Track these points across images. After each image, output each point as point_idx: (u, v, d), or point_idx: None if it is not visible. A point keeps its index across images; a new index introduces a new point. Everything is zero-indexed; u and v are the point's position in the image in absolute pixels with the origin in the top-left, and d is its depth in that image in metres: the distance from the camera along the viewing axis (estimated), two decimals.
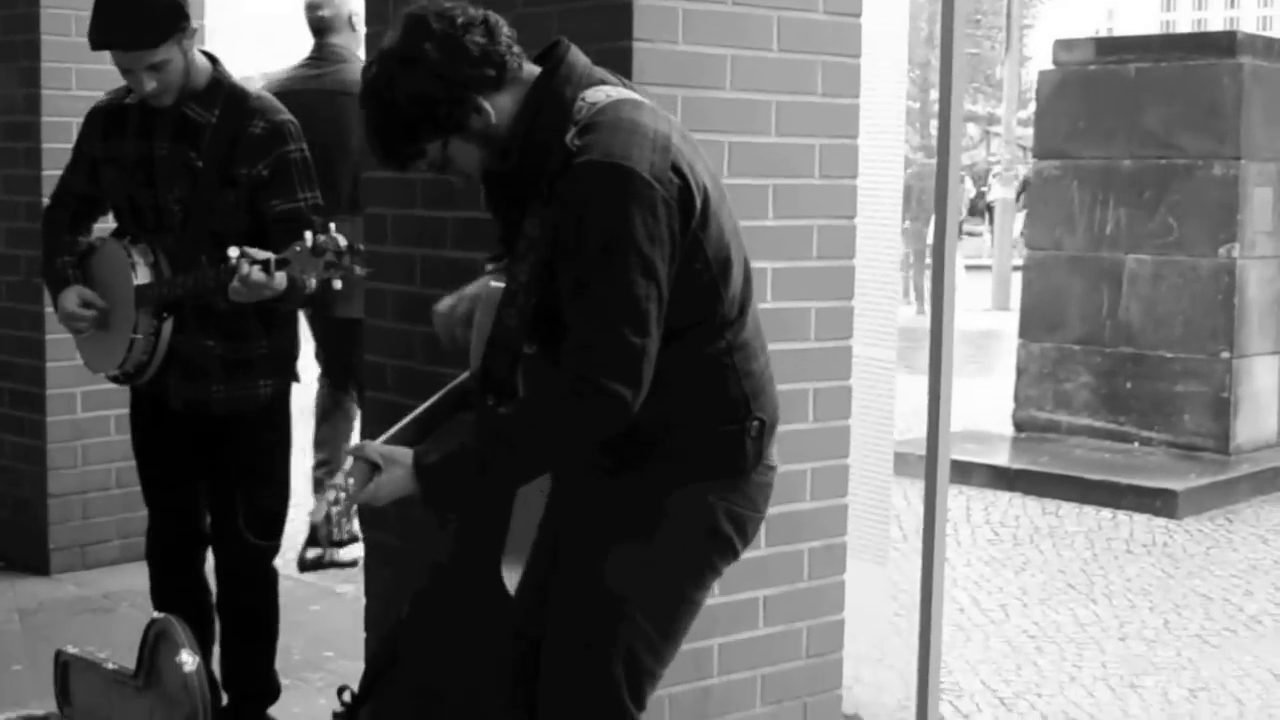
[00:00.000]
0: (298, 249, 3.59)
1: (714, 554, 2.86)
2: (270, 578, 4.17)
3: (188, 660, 3.29)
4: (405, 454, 2.73)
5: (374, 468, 2.75)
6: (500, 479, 2.73)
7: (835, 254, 4.07)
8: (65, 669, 3.73)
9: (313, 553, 6.11)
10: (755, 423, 2.80)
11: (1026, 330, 10.09)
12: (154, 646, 3.42)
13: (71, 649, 3.79)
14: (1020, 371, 10.08)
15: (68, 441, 6.19)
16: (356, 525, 2.83)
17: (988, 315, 19.46)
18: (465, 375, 3.01)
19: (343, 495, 2.75)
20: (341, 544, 5.71)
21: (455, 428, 2.80)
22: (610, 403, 2.59)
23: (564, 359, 2.63)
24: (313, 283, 3.70)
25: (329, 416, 6.44)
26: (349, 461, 2.78)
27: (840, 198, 4.05)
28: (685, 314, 2.70)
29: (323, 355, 6.50)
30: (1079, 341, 9.79)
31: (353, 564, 5.94)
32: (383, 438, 2.86)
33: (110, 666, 3.61)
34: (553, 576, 2.92)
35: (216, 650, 4.26)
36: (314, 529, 2.84)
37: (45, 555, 6.17)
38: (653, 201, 2.59)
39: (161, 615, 3.48)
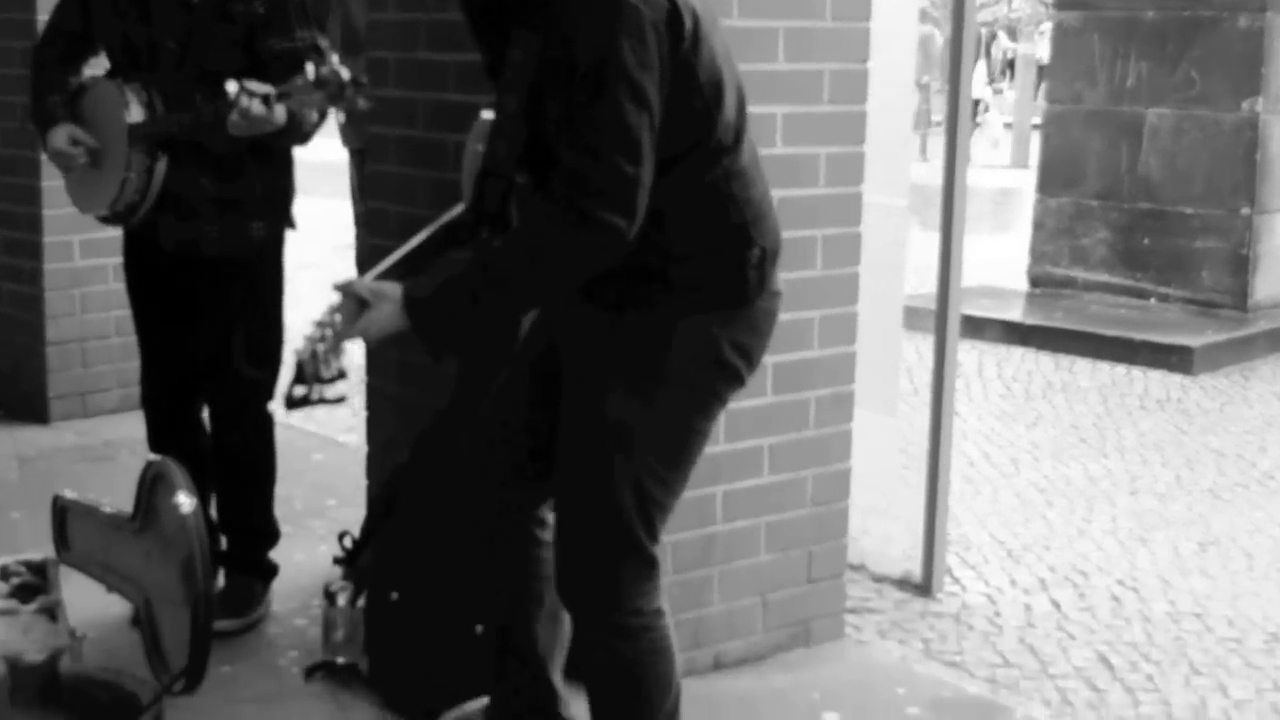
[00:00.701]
0: (299, 82, 3.52)
1: (719, 384, 2.84)
2: (265, 417, 4.15)
3: (184, 502, 3.28)
4: (394, 289, 2.69)
5: (362, 304, 2.72)
6: (492, 311, 2.69)
7: (847, 99, 4.00)
8: (63, 514, 3.72)
9: (299, 390, 6.08)
10: (756, 251, 2.76)
11: (1044, 185, 9.99)
12: (151, 489, 3.40)
13: (69, 494, 3.78)
14: (1037, 227, 9.99)
15: (66, 289, 6.16)
16: (345, 362, 2.79)
17: (1006, 173, 19.29)
18: (455, 211, 2.97)
19: (329, 332, 2.71)
20: (329, 381, 5.65)
21: (446, 264, 2.76)
22: (605, 233, 2.55)
23: (556, 190, 2.58)
24: (314, 117, 3.62)
25: None
26: (336, 298, 2.74)
27: (853, 41, 3.97)
28: (679, 140, 2.64)
29: None
30: (1097, 197, 9.69)
31: (339, 400, 5.89)
32: (370, 274, 2.82)
33: (107, 510, 3.61)
34: (545, 409, 2.91)
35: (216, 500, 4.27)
36: (300, 367, 2.79)
37: (44, 404, 6.17)
38: (640, 26, 2.52)
39: (158, 458, 3.46)
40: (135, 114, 3.87)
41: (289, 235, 4.21)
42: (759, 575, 4.02)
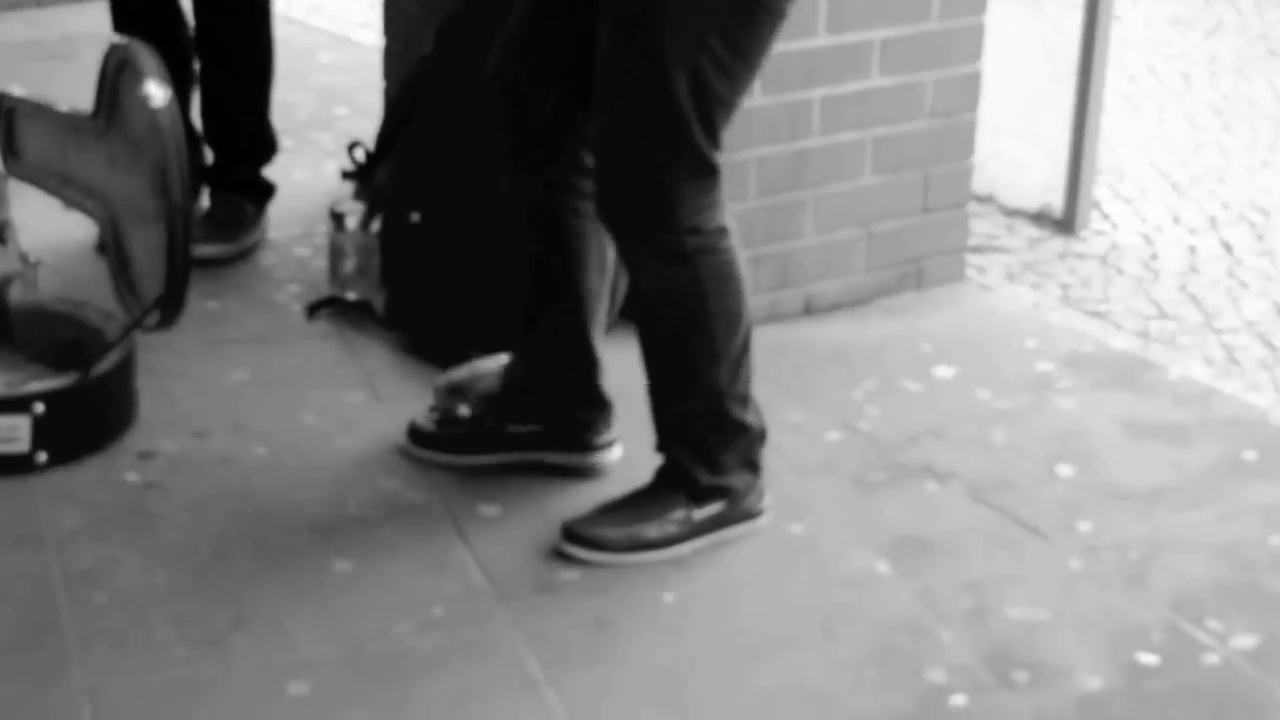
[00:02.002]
0: None
1: None
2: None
3: (156, 94, 3.16)
4: None
5: None
6: None
7: None
8: (10, 116, 3.63)
9: None
10: None
11: None
12: (115, 79, 3.29)
13: (17, 91, 3.69)
14: None
15: None
16: None
17: None
18: None
19: None
20: None
21: None
22: None
23: None
24: None
25: None
26: None
27: None
28: None
29: None
30: None
31: None
32: None
33: (64, 110, 3.52)
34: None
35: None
36: None
37: None
38: None
39: (123, 40, 3.33)
40: None
41: None
42: (863, 202, 3.95)
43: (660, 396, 2.99)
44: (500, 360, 3.28)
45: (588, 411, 3.19)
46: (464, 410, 3.24)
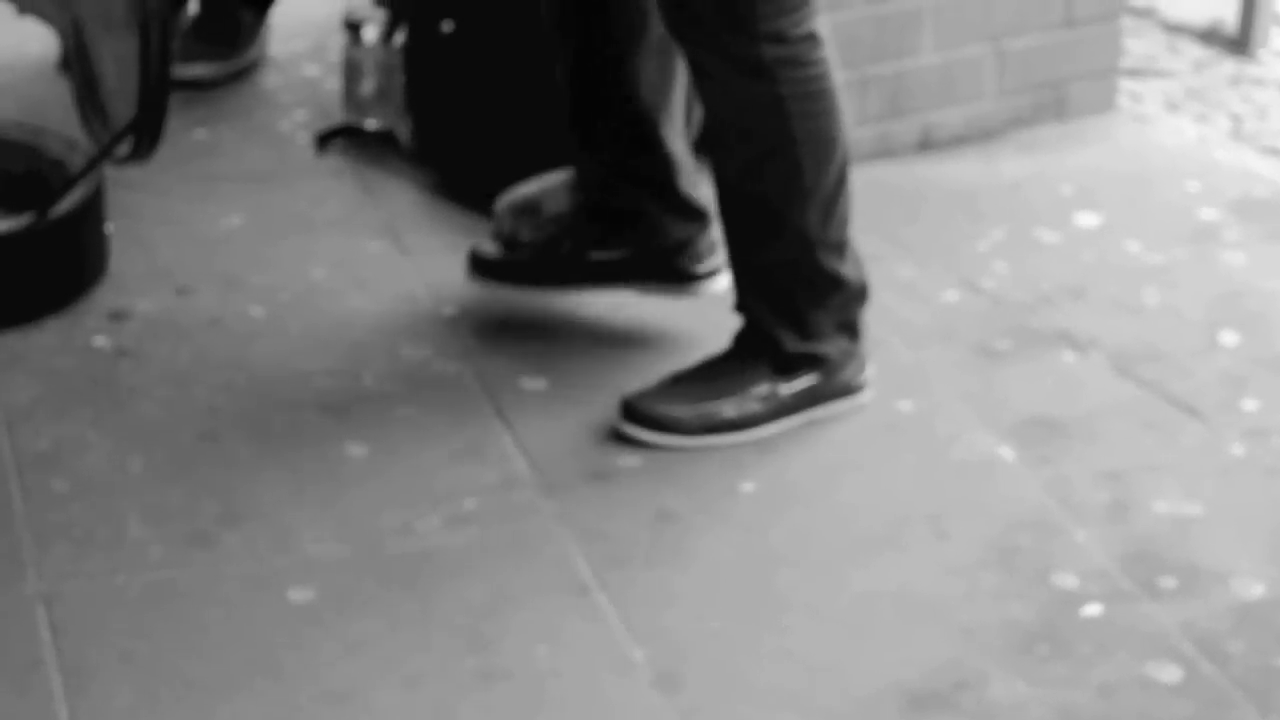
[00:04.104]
0: None
1: None
2: None
3: None
4: None
5: None
6: None
7: None
8: None
9: None
10: None
11: None
12: None
13: None
14: None
15: None
16: None
17: None
18: None
19: None
20: None
21: None
22: None
23: None
24: None
25: None
26: None
27: None
28: None
29: None
30: None
31: None
32: None
33: None
34: None
35: None
36: None
37: None
38: None
39: None
40: None
41: None
42: (991, 10, 3.92)
43: (737, 245, 2.98)
44: (559, 177, 3.27)
45: (678, 225, 3.17)
46: (536, 234, 3.25)
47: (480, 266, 3.26)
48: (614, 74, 3.08)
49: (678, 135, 3.14)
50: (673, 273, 3.19)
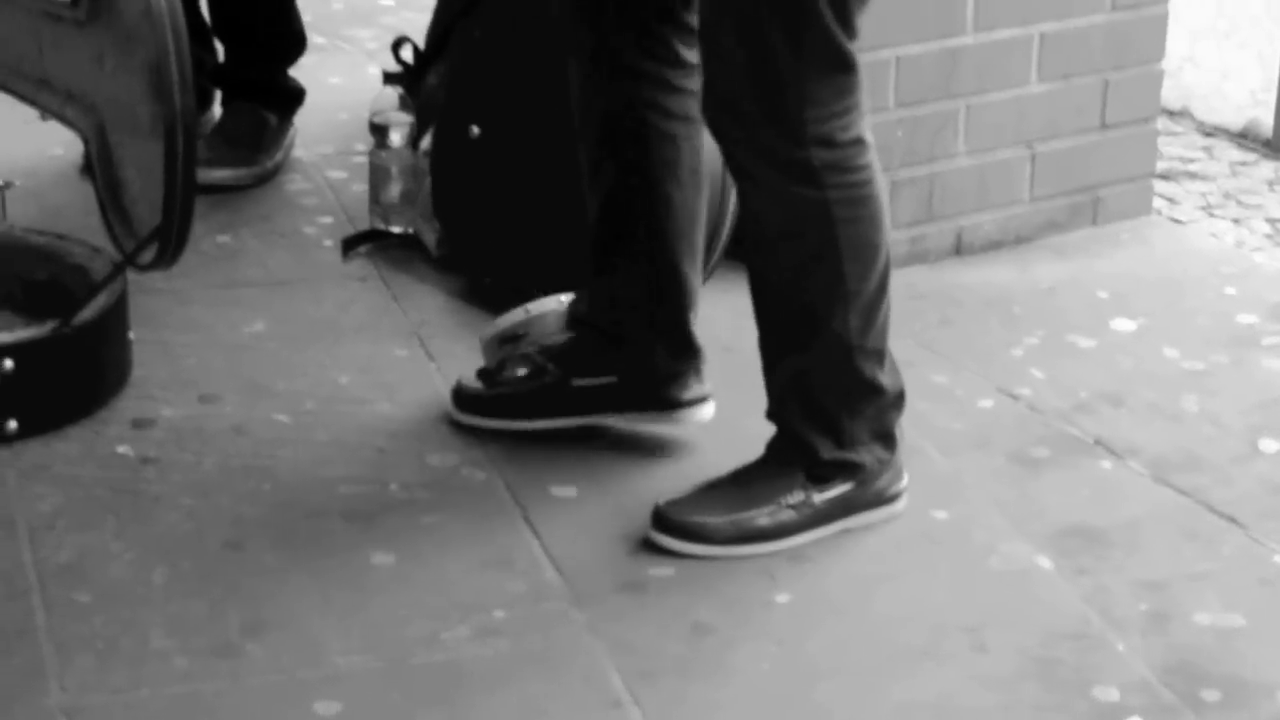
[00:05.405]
0: None
1: None
2: None
3: None
4: None
5: None
6: None
7: None
8: None
9: None
10: None
11: None
12: None
13: None
14: None
15: None
16: None
17: None
18: None
19: None
20: None
21: None
22: None
23: None
24: None
25: None
26: None
27: None
28: None
29: None
30: None
31: None
32: None
33: None
34: None
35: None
36: None
37: None
38: None
39: None
40: None
41: None
42: (1025, 114, 3.95)
43: (773, 351, 2.97)
44: (562, 299, 3.27)
45: (673, 359, 3.17)
46: (519, 365, 3.23)
47: (463, 402, 3.27)
48: (645, 200, 3.09)
49: (696, 271, 3.15)
50: (658, 400, 3.19)
